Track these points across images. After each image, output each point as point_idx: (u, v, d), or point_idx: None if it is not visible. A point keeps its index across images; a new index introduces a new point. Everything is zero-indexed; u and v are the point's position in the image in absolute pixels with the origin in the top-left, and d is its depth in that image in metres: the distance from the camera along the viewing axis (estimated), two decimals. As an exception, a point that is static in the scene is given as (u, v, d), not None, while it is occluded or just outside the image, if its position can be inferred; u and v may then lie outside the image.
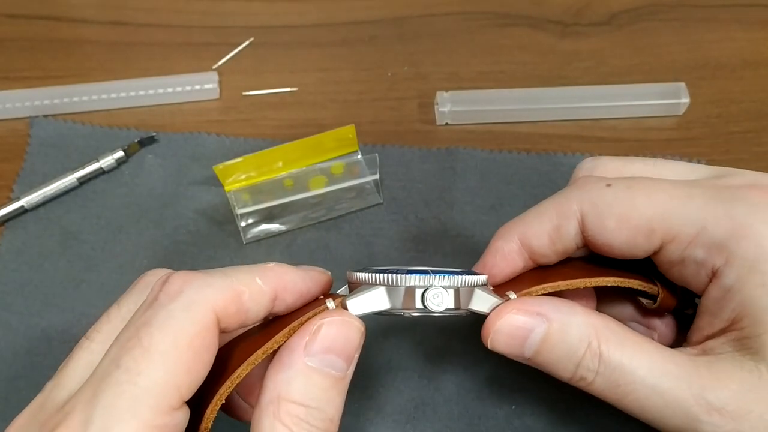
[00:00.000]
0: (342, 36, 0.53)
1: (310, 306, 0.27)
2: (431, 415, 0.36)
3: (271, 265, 0.26)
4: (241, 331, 0.28)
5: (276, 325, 0.27)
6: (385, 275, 0.26)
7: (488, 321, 0.28)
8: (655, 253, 0.28)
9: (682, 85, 0.47)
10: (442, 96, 0.47)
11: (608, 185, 0.29)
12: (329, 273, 0.29)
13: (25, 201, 0.43)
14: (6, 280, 0.41)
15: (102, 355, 0.24)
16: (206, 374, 0.24)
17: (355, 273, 0.27)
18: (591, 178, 0.30)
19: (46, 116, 0.47)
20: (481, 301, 0.28)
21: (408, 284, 0.26)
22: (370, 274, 0.27)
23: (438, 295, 0.26)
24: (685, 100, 0.47)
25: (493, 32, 0.53)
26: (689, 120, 0.47)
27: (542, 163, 0.45)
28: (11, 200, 0.43)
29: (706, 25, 0.53)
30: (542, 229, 0.30)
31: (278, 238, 0.42)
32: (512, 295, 0.28)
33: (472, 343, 0.37)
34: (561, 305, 0.27)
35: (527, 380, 0.36)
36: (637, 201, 0.28)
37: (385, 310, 0.27)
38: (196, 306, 0.24)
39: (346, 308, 0.26)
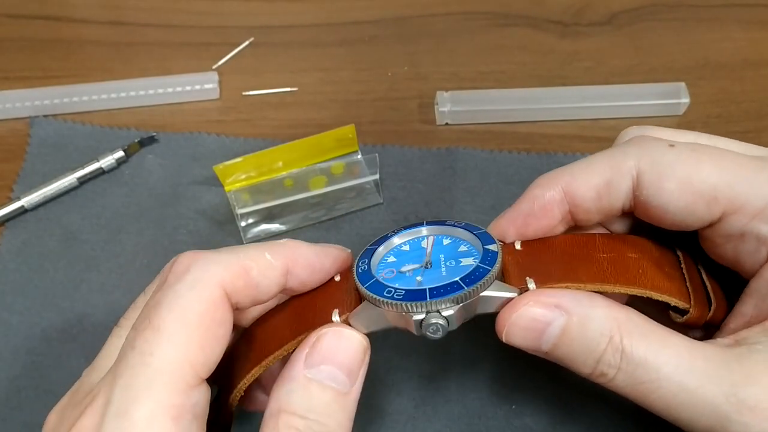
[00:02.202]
0: (342, 36, 0.53)
1: (327, 293, 0.27)
2: (431, 415, 0.36)
3: (283, 240, 0.27)
4: (260, 309, 0.28)
5: (292, 319, 0.26)
6: (383, 299, 0.25)
7: (503, 313, 0.26)
8: (710, 225, 0.27)
9: (682, 85, 0.47)
10: (442, 96, 0.47)
11: (671, 146, 0.27)
12: (349, 251, 0.28)
13: (25, 201, 0.43)
14: (6, 280, 0.41)
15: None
16: (223, 350, 0.24)
17: (358, 282, 0.26)
18: (650, 138, 0.28)
19: (46, 116, 0.47)
20: (491, 303, 0.26)
21: (405, 312, 0.25)
22: (369, 293, 0.25)
23: (437, 329, 0.25)
24: (685, 100, 0.47)
25: (493, 32, 0.53)
26: (689, 120, 0.47)
27: (542, 163, 0.45)
28: (11, 200, 0.43)
29: (706, 25, 0.53)
30: (591, 182, 0.27)
31: (278, 238, 0.42)
32: (531, 285, 0.26)
33: (472, 343, 0.37)
34: (581, 297, 0.26)
35: (527, 380, 0.36)
36: (703, 165, 0.26)
37: (390, 329, 0.26)
38: (202, 283, 0.24)
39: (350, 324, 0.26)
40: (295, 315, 0.27)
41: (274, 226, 0.42)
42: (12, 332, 0.39)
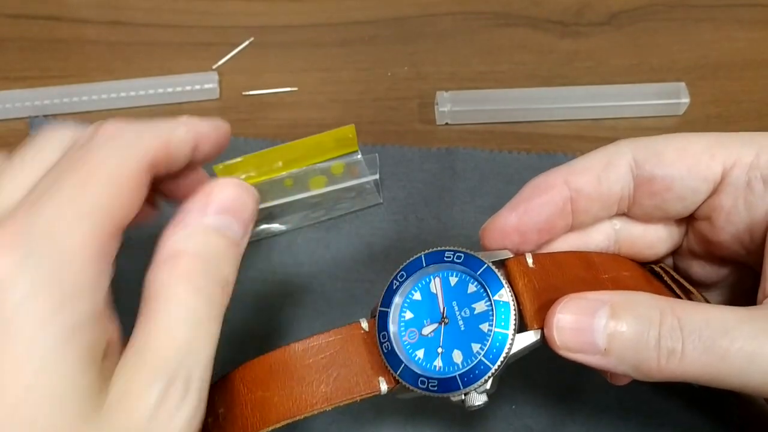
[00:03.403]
0: (342, 36, 0.53)
1: (358, 344, 0.28)
2: (431, 415, 0.36)
3: (184, 118, 0.28)
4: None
5: (327, 369, 0.27)
6: (419, 390, 0.26)
7: (547, 322, 0.25)
8: (715, 192, 0.28)
9: (682, 85, 0.47)
10: (442, 96, 0.47)
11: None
12: (228, 124, 0.30)
13: (25, 201, 0.43)
14: (6, 279, 0.41)
15: (24, 190, 0.24)
16: (133, 215, 0.25)
17: (390, 367, 0.27)
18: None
19: (46, 116, 0.47)
20: (517, 354, 0.26)
21: (443, 398, 0.26)
22: (404, 383, 0.26)
23: (480, 405, 0.27)
24: (685, 100, 0.47)
25: (493, 32, 0.53)
26: (689, 120, 0.47)
27: (542, 163, 0.45)
28: (11, 200, 0.43)
29: (706, 25, 0.53)
30: (589, 167, 0.29)
31: (278, 238, 0.42)
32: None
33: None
34: (611, 291, 0.26)
35: (527, 380, 0.36)
36: (691, 137, 0.28)
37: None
38: (133, 148, 0.25)
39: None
40: (331, 365, 0.27)
41: (274, 226, 0.42)
42: (12, 332, 0.39)
